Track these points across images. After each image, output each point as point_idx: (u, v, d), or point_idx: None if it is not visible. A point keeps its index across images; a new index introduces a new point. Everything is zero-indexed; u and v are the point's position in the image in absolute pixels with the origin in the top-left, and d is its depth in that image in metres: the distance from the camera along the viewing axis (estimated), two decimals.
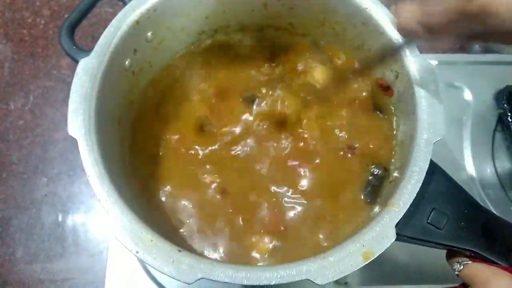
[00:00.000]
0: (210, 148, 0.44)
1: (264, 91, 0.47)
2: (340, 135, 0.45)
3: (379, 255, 0.32)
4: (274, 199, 0.42)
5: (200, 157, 0.44)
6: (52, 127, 0.63)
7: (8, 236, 0.58)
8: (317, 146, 0.44)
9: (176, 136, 0.45)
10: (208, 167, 0.43)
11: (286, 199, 0.42)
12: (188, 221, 0.41)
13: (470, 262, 0.34)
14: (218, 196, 0.42)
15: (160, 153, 0.44)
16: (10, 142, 0.63)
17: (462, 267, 0.34)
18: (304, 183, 0.43)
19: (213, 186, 0.43)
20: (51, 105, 0.65)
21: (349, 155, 0.44)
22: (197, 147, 0.44)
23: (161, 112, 0.46)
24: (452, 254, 0.36)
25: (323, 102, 0.45)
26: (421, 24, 0.29)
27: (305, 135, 0.45)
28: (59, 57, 0.67)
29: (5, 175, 0.61)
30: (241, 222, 0.41)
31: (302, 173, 0.43)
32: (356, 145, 0.44)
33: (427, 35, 0.30)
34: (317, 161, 0.44)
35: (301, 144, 0.44)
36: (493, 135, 0.60)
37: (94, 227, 0.59)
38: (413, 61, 0.39)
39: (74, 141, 0.34)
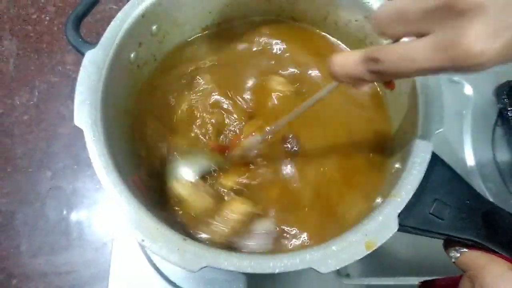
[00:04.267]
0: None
1: None
2: None
3: (381, 246, 0.32)
4: None
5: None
6: (57, 121, 0.64)
7: (12, 230, 0.59)
8: None
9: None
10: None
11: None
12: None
13: (466, 250, 0.35)
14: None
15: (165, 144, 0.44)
16: (15, 137, 0.63)
17: (459, 255, 0.35)
18: None
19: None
20: (56, 100, 0.65)
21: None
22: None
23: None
24: (449, 243, 0.36)
25: None
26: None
27: None
28: (63, 53, 0.68)
29: (10, 169, 0.62)
30: None
31: None
32: None
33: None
34: None
35: None
36: (493, 129, 0.60)
37: (98, 220, 0.59)
38: None
39: (78, 136, 0.35)
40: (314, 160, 0.43)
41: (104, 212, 0.60)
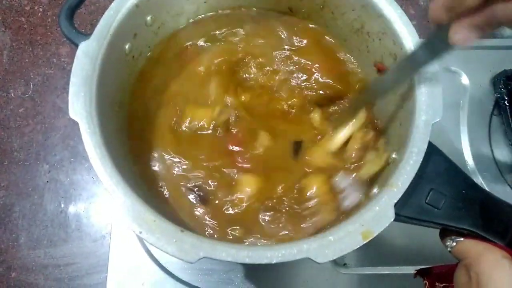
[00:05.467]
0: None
1: None
2: None
3: (377, 236, 0.33)
4: None
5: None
6: (53, 114, 0.63)
7: (11, 223, 0.59)
8: None
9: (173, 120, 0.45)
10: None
11: None
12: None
13: (462, 239, 0.35)
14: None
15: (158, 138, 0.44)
16: (11, 130, 0.63)
17: (454, 244, 0.35)
18: None
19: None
20: (51, 92, 0.65)
21: None
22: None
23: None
24: (445, 232, 0.36)
25: None
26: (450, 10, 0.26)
27: None
28: (58, 45, 0.67)
29: (7, 163, 0.61)
30: None
31: None
32: None
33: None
34: None
35: None
36: (490, 119, 0.61)
37: (96, 212, 0.59)
38: (412, 45, 0.40)
39: (75, 128, 0.35)
40: None
41: (102, 204, 0.60)
